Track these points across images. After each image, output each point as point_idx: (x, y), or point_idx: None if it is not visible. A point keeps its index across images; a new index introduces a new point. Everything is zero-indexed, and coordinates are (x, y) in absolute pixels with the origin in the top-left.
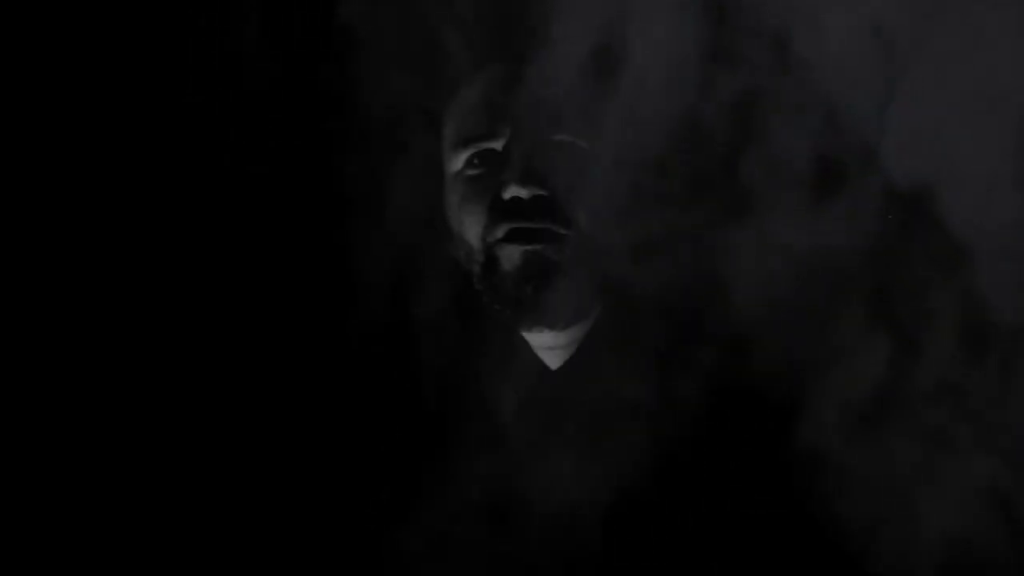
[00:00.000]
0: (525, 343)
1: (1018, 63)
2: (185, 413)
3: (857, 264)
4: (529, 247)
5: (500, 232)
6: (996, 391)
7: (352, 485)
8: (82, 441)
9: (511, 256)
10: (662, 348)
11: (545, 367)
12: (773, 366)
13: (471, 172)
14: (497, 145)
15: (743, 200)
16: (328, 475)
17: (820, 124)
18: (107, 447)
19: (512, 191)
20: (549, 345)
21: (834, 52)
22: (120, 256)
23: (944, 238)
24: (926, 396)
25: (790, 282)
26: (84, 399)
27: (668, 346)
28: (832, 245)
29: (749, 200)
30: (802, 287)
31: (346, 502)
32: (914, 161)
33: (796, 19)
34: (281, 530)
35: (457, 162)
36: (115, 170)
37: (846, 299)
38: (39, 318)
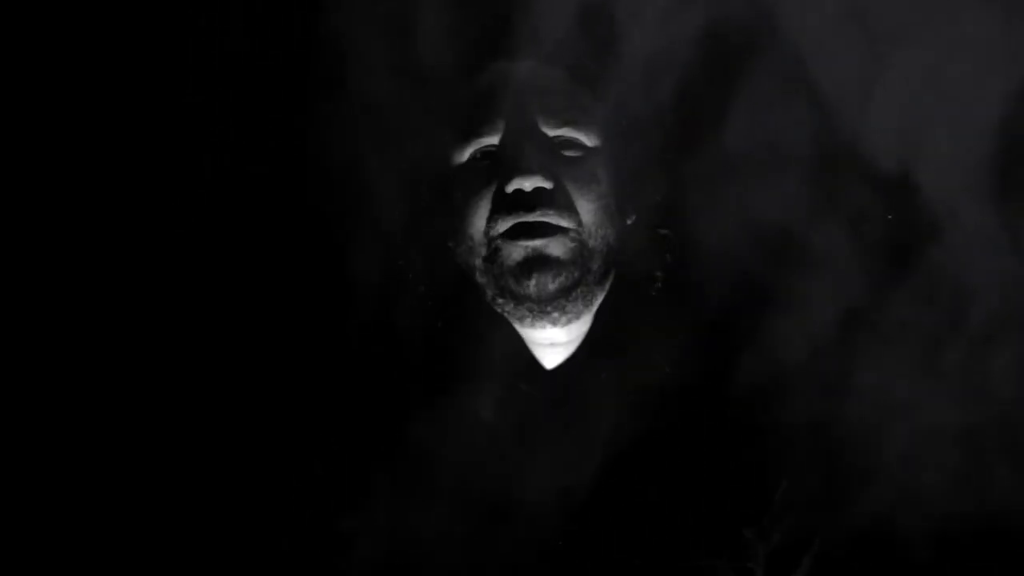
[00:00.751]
0: (521, 340)
1: (997, 53)
2: (185, 407)
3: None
4: (531, 242)
5: (503, 227)
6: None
7: (348, 483)
8: (74, 437)
9: (513, 250)
10: (662, 345)
11: (540, 365)
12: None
13: (474, 166)
14: (497, 140)
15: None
16: (325, 473)
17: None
18: (102, 443)
19: (515, 184)
20: (551, 342)
21: (819, 37)
22: (120, 254)
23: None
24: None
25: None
26: (80, 396)
27: (669, 343)
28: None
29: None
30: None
31: (342, 500)
32: (895, 146)
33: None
34: (267, 526)
35: (460, 157)
36: (115, 170)
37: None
38: (35, 316)
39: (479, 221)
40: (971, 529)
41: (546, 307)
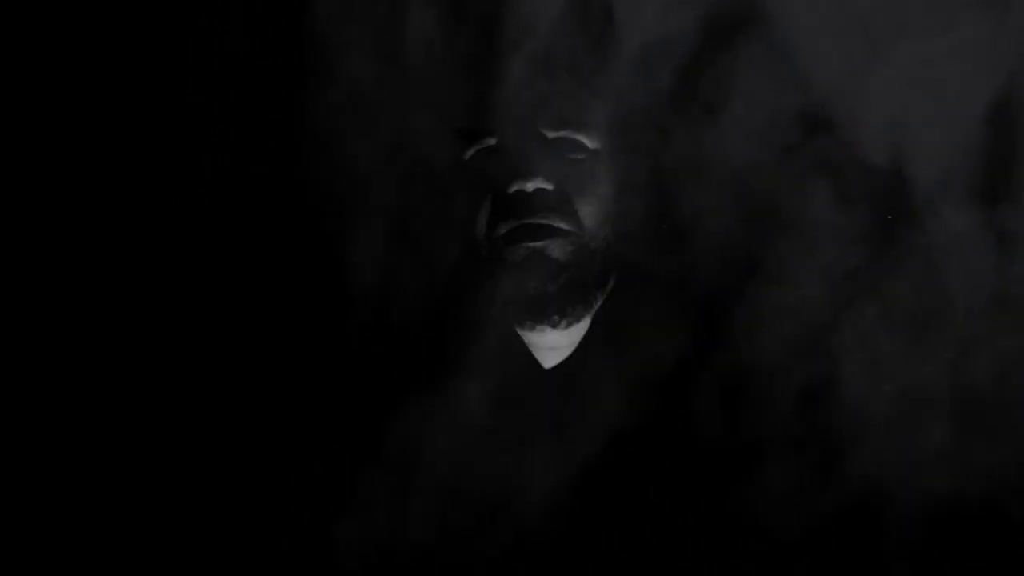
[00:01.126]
0: (521, 340)
1: (988, 46)
2: (183, 406)
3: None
4: (532, 244)
5: (503, 228)
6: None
7: (345, 483)
8: (71, 437)
9: (514, 252)
10: (663, 345)
11: (540, 366)
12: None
13: (474, 167)
14: (497, 140)
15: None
16: (324, 473)
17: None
18: (98, 442)
19: (516, 185)
20: (551, 346)
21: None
22: (119, 253)
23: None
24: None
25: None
26: (77, 395)
27: (670, 343)
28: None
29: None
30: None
31: (337, 500)
32: (885, 138)
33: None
34: (266, 526)
35: (459, 158)
36: (114, 170)
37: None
38: (32, 315)
39: (479, 222)
40: (963, 507)
41: (546, 309)
